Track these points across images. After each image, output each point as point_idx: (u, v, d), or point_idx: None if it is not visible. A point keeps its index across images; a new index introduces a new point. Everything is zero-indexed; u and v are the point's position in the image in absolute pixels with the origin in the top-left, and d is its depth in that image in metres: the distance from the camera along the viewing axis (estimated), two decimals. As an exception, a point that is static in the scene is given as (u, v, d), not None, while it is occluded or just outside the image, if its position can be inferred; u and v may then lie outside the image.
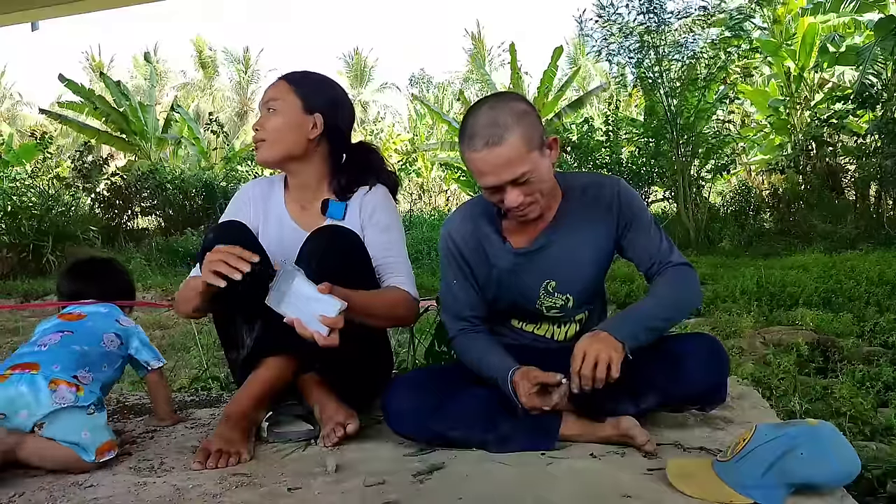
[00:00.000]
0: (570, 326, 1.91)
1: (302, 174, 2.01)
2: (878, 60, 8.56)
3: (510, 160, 1.63)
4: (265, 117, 1.94)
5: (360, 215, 1.98)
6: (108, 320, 1.96)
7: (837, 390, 2.42)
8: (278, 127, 1.92)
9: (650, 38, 8.40)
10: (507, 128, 1.62)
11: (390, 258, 1.93)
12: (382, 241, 1.94)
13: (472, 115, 1.68)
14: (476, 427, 1.75)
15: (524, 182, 1.66)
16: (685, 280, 1.78)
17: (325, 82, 2.03)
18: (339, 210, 1.97)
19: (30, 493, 1.60)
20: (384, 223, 1.97)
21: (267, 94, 1.97)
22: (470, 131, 1.66)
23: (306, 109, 1.94)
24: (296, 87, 1.95)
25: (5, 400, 1.63)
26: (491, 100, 1.71)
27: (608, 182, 1.86)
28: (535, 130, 1.66)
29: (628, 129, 9.95)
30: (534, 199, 1.70)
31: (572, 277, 1.83)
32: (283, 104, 1.93)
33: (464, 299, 1.89)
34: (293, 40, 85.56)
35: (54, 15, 4.12)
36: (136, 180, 11.19)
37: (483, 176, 1.67)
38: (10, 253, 8.13)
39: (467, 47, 30.38)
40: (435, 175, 18.85)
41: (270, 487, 1.57)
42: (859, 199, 8.83)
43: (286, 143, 1.94)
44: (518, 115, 1.64)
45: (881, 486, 1.60)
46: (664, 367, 1.69)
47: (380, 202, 2.00)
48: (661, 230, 1.85)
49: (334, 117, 1.98)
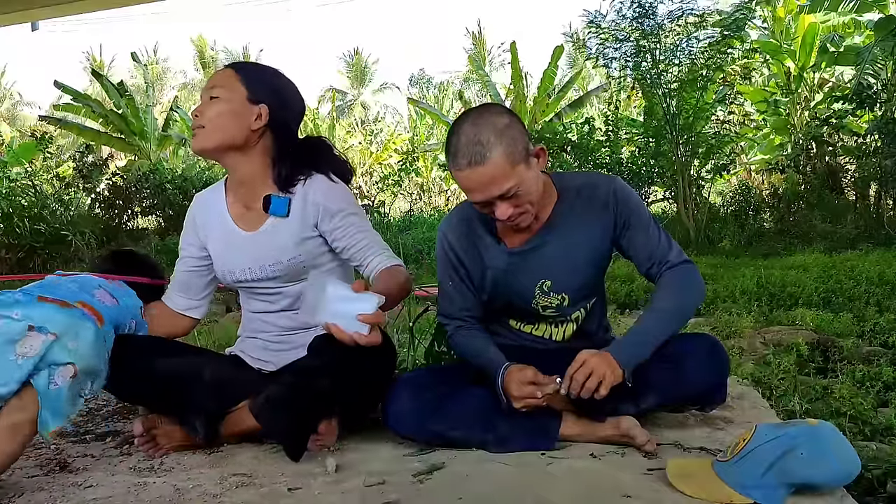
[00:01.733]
0: (566, 326, 1.91)
1: (241, 168, 1.89)
2: (877, 61, 8.56)
3: (494, 177, 1.63)
4: (206, 104, 1.84)
5: (305, 209, 1.87)
6: (136, 308, 1.92)
7: (837, 390, 2.41)
8: (220, 114, 1.83)
9: (647, 43, 8.40)
10: (490, 146, 1.61)
11: (361, 241, 1.87)
12: (344, 228, 1.87)
13: (455, 132, 1.67)
14: (476, 427, 1.75)
15: (512, 196, 1.66)
16: (686, 282, 1.77)
17: (275, 74, 1.93)
18: (283, 205, 1.86)
19: (29, 493, 1.60)
20: (335, 209, 1.86)
21: (211, 81, 1.88)
22: (453, 150, 1.66)
23: (251, 99, 1.84)
24: (242, 75, 1.87)
25: (66, 326, 1.58)
26: (473, 115, 1.69)
27: (604, 181, 1.85)
28: (518, 144, 1.65)
29: (628, 130, 9.94)
30: (523, 209, 1.71)
31: (567, 277, 1.83)
32: (226, 92, 1.84)
33: (459, 300, 1.89)
34: (293, 40, 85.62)
35: (54, 15, 4.13)
36: (136, 180, 11.18)
37: (470, 192, 1.68)
38: (9, 253, 8.13)
39: (467, 47, 30.42)
40: (435, 175, 18.85)
41: (270, 487, 1.58)
42: (859, 199, 8.82)
43: (226, 132, 1.83)
44: (500, 131, 1.63)
45: (881, 486, 1.60)
46: (665, 367, 1.69)
47: (325, 190, 1.88)
48: (660, 227, 1.85)
49: (281, 110, 1.88)
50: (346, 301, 1.57)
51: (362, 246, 1.87)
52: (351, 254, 1.89)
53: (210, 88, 1.86)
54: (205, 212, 2.02)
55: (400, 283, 1.82)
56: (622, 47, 8.66)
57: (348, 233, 1.87)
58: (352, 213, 1.89)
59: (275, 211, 1.87)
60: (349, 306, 1.57)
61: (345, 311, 1.56)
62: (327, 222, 1.87)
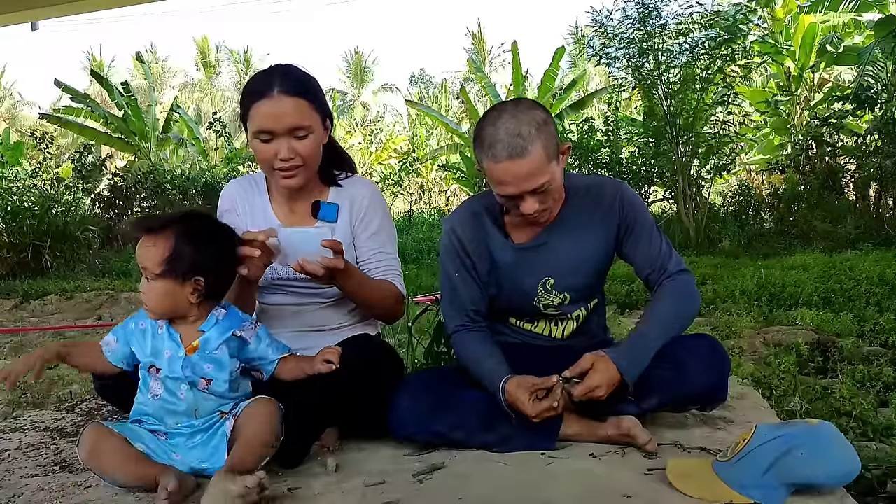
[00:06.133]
0: (566, 324, 1.92)
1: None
2: (877, 61, 8.56)
3: (532, 171, 1.63)
4: (297, 142, 1.77)
5: (352, 215, 1.93)
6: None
7: (837, 390, 2.42)
8: (313, 148, 1.81)
9: (649, 44, 8.40)
10: (530, 139, 1.61)
11: (381, 258, 1.94)
12: (374, 245, 1.94)
13: (492, 122, 1.66)
14: (477, 428, 1.75)
15: (542, 191, 1.67)
16: (686, 293, 1.78)
17: (315, 80, 1.88)
18: (332, 212, 1.90)
19: (29, 493, 1.60)
20: (375, 225, 1.95)
21: (287, 118, 1.75)
22: (490, 140, 1.64)
23: (322, 122, 1.84)
24: (309, 100, 1.79)
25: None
26: (510, 108, 1.68)
27: (611, 184, 1.86)
28: (554, 140, 1.67)
29: (628, 130, 9.95)
30: (547, 205, 1.73)
31: (570, 276, 1.84)
32: (307, 122, 1.78)
33: (465, 293, 1.89)
34: (293, 40, 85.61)
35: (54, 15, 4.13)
36: (136, 181, 11.18)
37: (503, 185, 1.67)
38: (10, 253, 8.13)
39: (468, 47, 30.44)
40: (435, 175, 18.85)
41: (271, 487, 1.57)
42: (859, 199, 8.81)
43: (318, 159, 1.87)
44: (539, 124, 1.64)
45: (881, 486, 1.60)
46: (666, 368, 1.69)
47: (371, 201, 1.95)
48: (662, 234, 1.86)
49: (331, 114, 1.91)
50: (305, 237, 1.67)
51: (380, 263, 1.94)
52: (368, 264, 1.94)
53: (293, 128, 1.76)
54: (246, 202, 1.98)
55: (382, 289, 1.89)
56: (624, 47, 8.65)
57: (372, 250, 1.94)
58: (386, 230, 1.97)
59: (324, 216, 1.91)
60: (309, 240, 1.66)
61: (305, 246, 1.66)
62: (361, 232, 1.94)
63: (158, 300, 1.57)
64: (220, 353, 1.60)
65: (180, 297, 1.56)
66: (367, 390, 1.74)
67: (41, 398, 2.94)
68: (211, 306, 1.63)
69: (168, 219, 1.59)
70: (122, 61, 36.19)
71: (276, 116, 1.75)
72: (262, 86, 1.77)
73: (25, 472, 1.75)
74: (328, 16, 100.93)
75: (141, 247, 1.57)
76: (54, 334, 4.66)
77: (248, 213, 1.97)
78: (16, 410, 2.71)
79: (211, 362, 1.59)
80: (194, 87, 34.95)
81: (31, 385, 3.15)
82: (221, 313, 1.63)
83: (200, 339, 1.59)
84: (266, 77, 1.79)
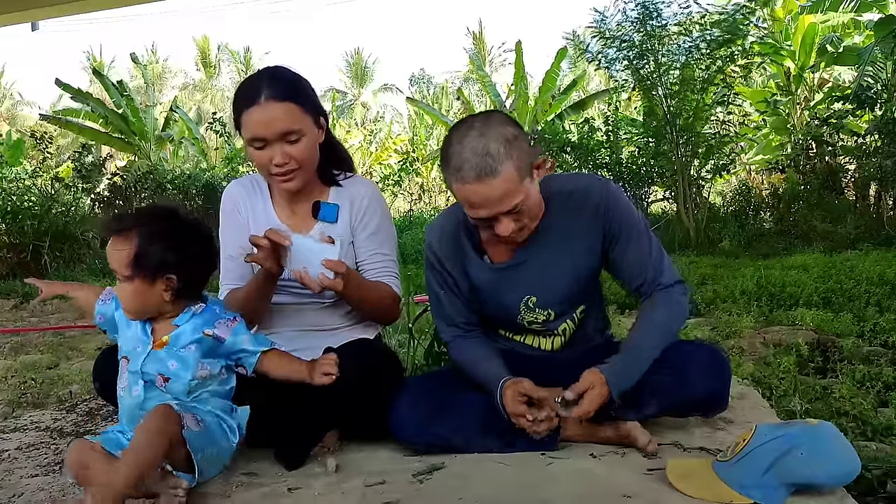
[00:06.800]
0: (554, 339, 1.87)
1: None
2: (877, 61, 8.56)
3: (505, 193, 1.53)
4: (290, 146, 1.77)
5: (352, 214, 1.94)
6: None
7: (837, 390, 2.42)
8: (307, 150, 1.80)
9: (649, 45, 8.40)
10: (500, 158, 1.50)
11: (378, 259, 1.95)
12: (372, 245, 1.95)
13: (458, 140, 1.55)
14: (477, 431, 1.74)
15: (517, 211, 1.58)
16: (680, 305, 1.74)
17: (305, 81, 1.87)
18: (332, 212, 1.90)
19: (29, 493, 1.60)
20: (374, 225, 1.95)
21: (278, 124, 1.74)
22: (457, 161, 1.53)
23: (315, 122, 1.84)
24: (299, 103, 1.78)
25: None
26: (477, 124, 1.56)
27: (596, 188, 1.74)
28: (526, 156, 1.56)
29: (628, 130, 9.94)
30: (523, 224, 1.65)
31: (552, 293, 1.77)
32: (298, 126, 1.77)
33: (452, 308, 1.86)
34: (293, 40, 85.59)
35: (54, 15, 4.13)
36: (136, 181, 11.17)
37: (474, 208, 1.58)
38: (10, 253, 8.13)
39: (468, 47, 30.44)
40: (435, 175, 18.83)
41: (271, 487, 1.58)
42: (859, 199, 8.81)
43: (314, 160, 1.86)
44: (509, 141, 1.53)
45: (881, 486, 1.60)
46: (667, 375, 1.67)
47: (371, 200, 1.96)
48: (653, 239, 1.76)
49: (324, 112, 1.89)
50: (312, 251, 1.67)
51: (378, 265, 1.94)
52: (365, 265, 1.94)
53: (284, 133, 1.75)
54: (248, 203, 1.98)
55: (380, 292, 1.90)
56: (625, 48, 8.65)
57: (370, 250, 1.95)
58: (385, 230, 1.98)
59: (324, 217, 1.90)
60: (314, 254, 1.66)
61: (311, 259, 1.66)
62: (360, 232, 1.94)
63: (131, 301, 1.57)
64: (187, 351, 1.58)
65: (152, 296, 1.56)
66: (366, 397, 1.74)
67: (41, 398, 2.94)
68: (190, 301, 1.61)
69: (132, 219, 1.59)
70: (122, 61, 36.16)
71: (266, 123, 1.74)
72: (251, 92, 1.77)
73: (25, 472, 1.75)
74: (328, 16, 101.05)
75: (109, 249, 1.57)
76: (54, 334, 4.66)
77: (249, 214, 1.97)
78: (16, 410, 2.71)
79: (177, 360, 1.57)
80: (195, 88, 34.94)
81: (32, 385, 3.15)
82: (200, 307, 1.62)
83: (171, 335, 1.58)
84: (254, 83, 1.79)
